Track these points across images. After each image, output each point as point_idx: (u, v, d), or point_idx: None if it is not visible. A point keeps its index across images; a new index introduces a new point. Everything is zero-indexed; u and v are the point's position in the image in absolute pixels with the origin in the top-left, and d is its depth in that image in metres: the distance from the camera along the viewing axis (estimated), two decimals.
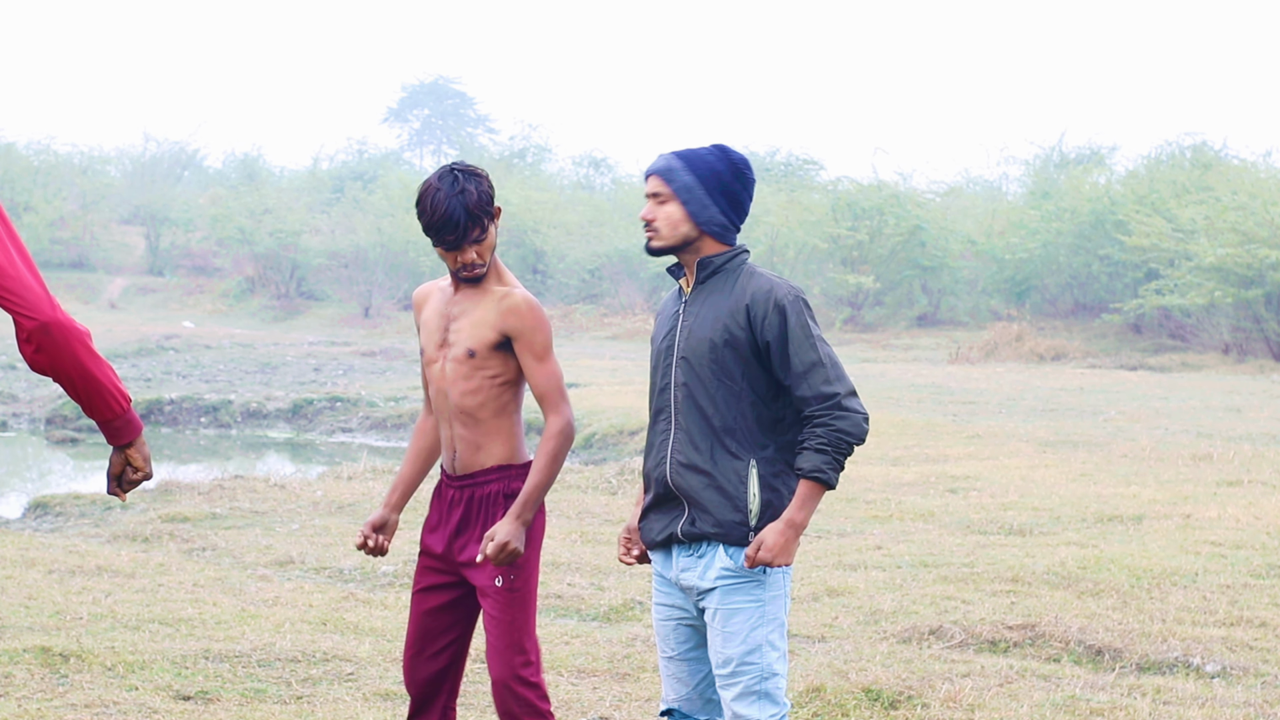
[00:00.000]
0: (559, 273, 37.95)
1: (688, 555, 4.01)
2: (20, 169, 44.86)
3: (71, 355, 3.52)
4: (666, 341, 4.09)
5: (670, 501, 4.03)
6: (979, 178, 45.94)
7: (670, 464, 4.02)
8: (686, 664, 4.09)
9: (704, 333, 3.99)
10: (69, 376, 3.54)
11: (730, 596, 3.94)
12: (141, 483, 3.75)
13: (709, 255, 4.04)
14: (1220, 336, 26.97)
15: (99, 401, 3.59)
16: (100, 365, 3.58)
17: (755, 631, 3.93)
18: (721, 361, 3.96)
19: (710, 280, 4.04)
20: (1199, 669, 6.49)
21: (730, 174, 4.03)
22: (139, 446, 3.71)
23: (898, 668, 6.34)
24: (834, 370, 3.92)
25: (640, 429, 16.26)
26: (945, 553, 8.95)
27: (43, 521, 11.12)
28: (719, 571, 3.94)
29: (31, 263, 3.52)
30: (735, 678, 3.92)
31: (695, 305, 4.04)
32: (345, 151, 54.86)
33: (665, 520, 4.05)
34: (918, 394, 18.59)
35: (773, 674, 3.93)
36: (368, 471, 12.72)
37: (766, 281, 3.98)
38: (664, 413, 4.08)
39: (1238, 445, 13.67)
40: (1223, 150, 35.62)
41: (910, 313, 33.31)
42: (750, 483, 3.93)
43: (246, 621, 7.04)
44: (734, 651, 3.92)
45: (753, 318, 3.94)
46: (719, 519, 3.94)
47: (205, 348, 26.97)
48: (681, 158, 4.05)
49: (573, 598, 7.90)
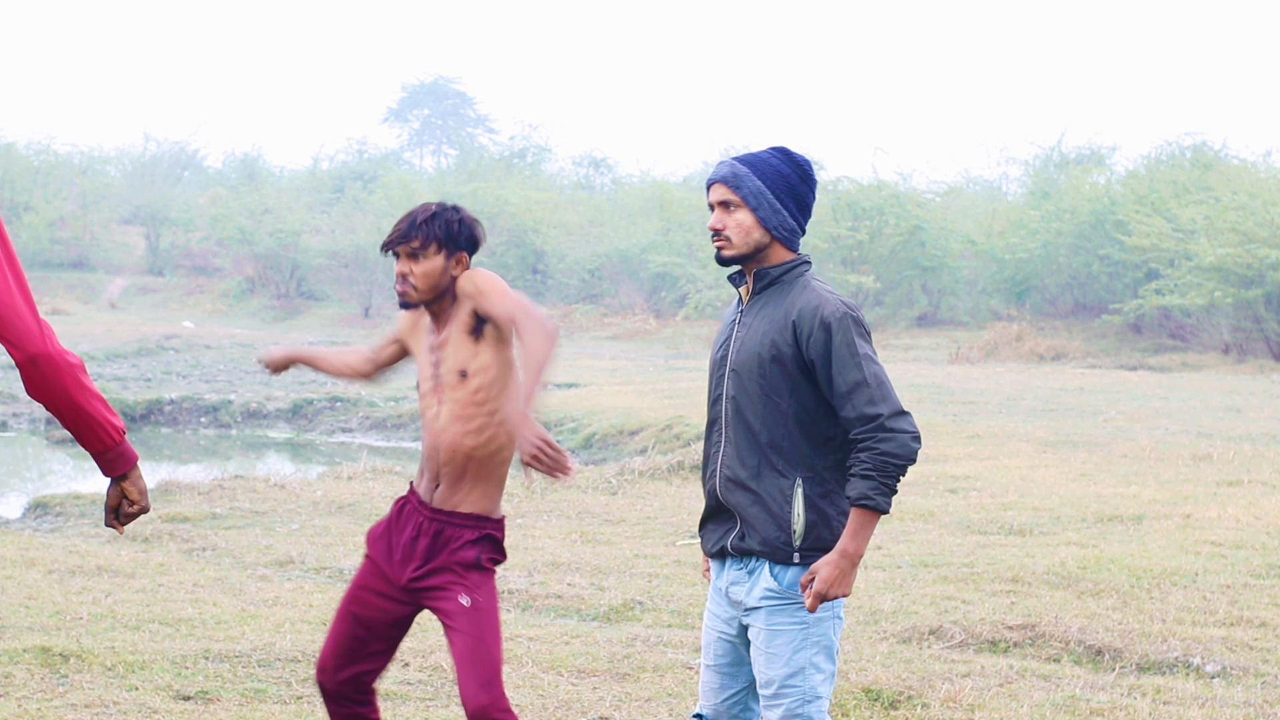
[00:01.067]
0: (559, 273, 37.95)
1: (738, 569, 3.95)
2: (20, 169, 44.89)
3: (61, 389, 3.48)
4: (721, 352, 4.01)
5: (723, 514, 3.98)
6: (979, 178, 46.01)
7: (720, 478, 3.95)
8: (720, 677, 4.05)
9: (753, 347, 3.90)
10: (58, 409, 3.50)
11: (774, 618, 3.88)
12: (138, 515, 3.70)
13: (767, 266, 3.95)
14: (1220, 336, 26.97)
15: (89, 435, 3.56)
16: (90, 399, 3.52)
17: (799, 654, 3.86)
18: (769, 377, 3.87)
19: (767, 291, 3.96)
20: (1199, 669, 6.49)
21: (797, 176, 3.96)
22: (134, 479, 3.66)
23: (898, 668, 6.34)
24: (879, 390, 3.79)
25: (640, 429, 16.28)
26: (945, 553, 8.95)
27: (43, 521, 11.12)
28: (763, 591, 3.88)
29: (27, 290, 3.45)
30: (778, 699, 3.87)
31: (750, 316, 3.97)
32: (345, 151, 54.93)
33: (719, 532, 3.99)
34: (918, 394, 18.58)
35: (816, 697, 3.86)
36: (368, 471, 12.72)
37: (816, 296, 3.88)
38: (716, 424, 4.00)
39: (1238, 445, 13.67)
40: (1223, 150, 35.65)
41: (910, 313, 33.31)
42: (795, 502, 3.85)
43: (246, 621, 7.04)
44: (776, 673, 3.87)
45: (799, 334, 3.85)
46: (764, 536, 3.87)
47: (205, 348, 26.98)
48: (746, 163, 3.96)
49: (573, 598, 7.90)
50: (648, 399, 18.39)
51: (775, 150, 4.00)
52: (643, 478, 12.31)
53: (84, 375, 3.55)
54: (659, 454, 13.68)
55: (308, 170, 52.33)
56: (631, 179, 47.69)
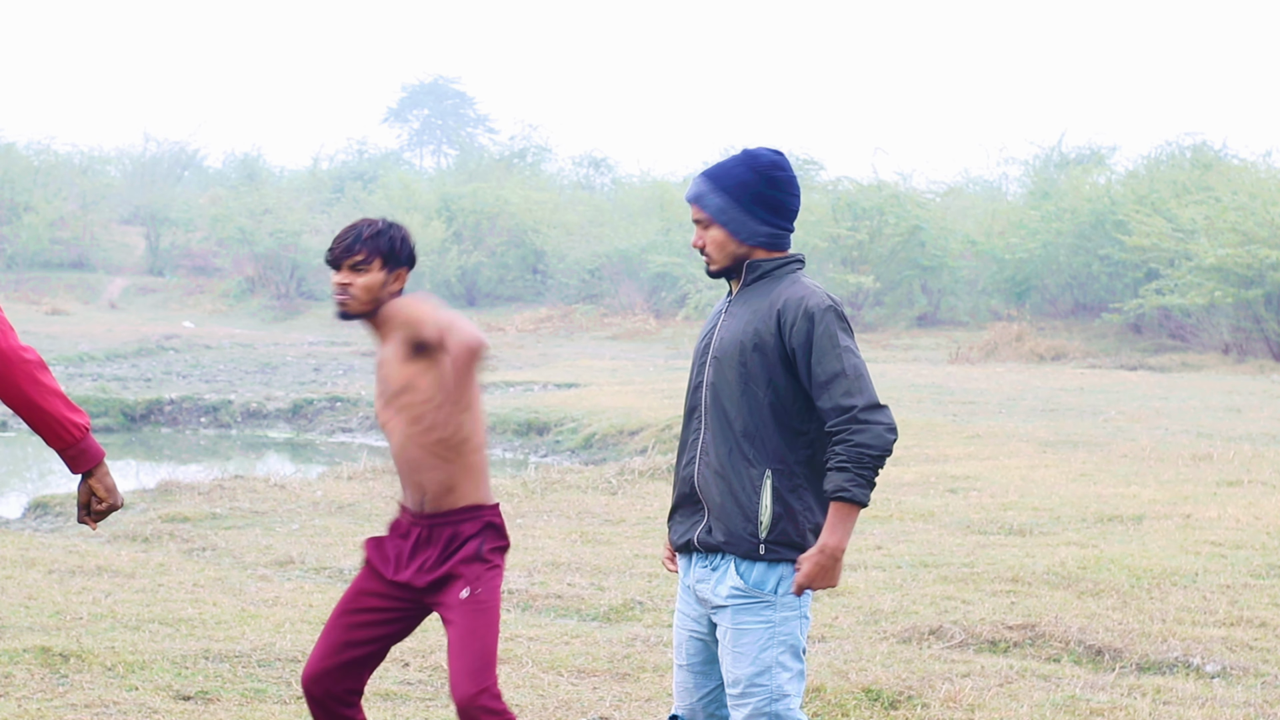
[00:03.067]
0: (559, 273, 37.95)
1: (703, 565, 3.96)
2: (20, 169, 44.86)
3: (13, 384, 3.47)
4: (705, 340, 4.06)
5: (693, 504, 3.98)
6: (979, 178, 45.97)
7: (698, 465, 3.96)
8: (694, 676, 4.05)
9: (736, 334, 3.94)
10: (15, 405, 3.50)
11: (740, 616, 3.88)
12: (110, 512, 3.68)
13: (759, 259, 3.98)
14: (1220, 336, 26.97)
15: (48, 432, 3.55)
16: (47, 396, 3.51)
17: (765, 652, 3.86)
18: (748, 365, 3.89)
19: (756, 284, 3.98)
20: (1199, 669, 6.49)
21: (760, 182, 3.94)
22: (100, 476, 3.64)
23: (898, 668, 6.34)
24: (857, 383, 3.80)
25: (640, 429, 16.26)
26: (945, 553, 8.95)
27: (43, 521, 11.13)
28: (729, 590, 3.89)
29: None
30: (745, 698, 3.88)
31: (736, 306, 4.00)
32: (345, 151, 54.95)
33: (686, 525, 4.00)
34: (918, 394, 18.58)
35: (783, 695, 3.87)
36: (368, 471, 12.72)
37: (803, 289, 3.90)
38: (695, 411, 4.02)
39: (1238, 445, 13.66)
40: (1223, 150, 35.63)
41: (910, 313, 33.31)
42: (764, 493, 3.85)
43: (246, 621, 7.04)
44: (743, 672, 3.87)
45: (782, 323, 3.87)
46: (730, 528, 3.87)
47: (205, 348, 26.99)
48: (709, 178, 3.97)
49: (573, 598, 7.90)
50: (648, 399, 18.38)
51: (741, 156, 3.99)
52: (643, 478, 12.31)
53: (41, 372, 3.53)
54: (659, 454, 13.68)
55: (308, 170, 52.31)
56: (631, 179, 47.68)
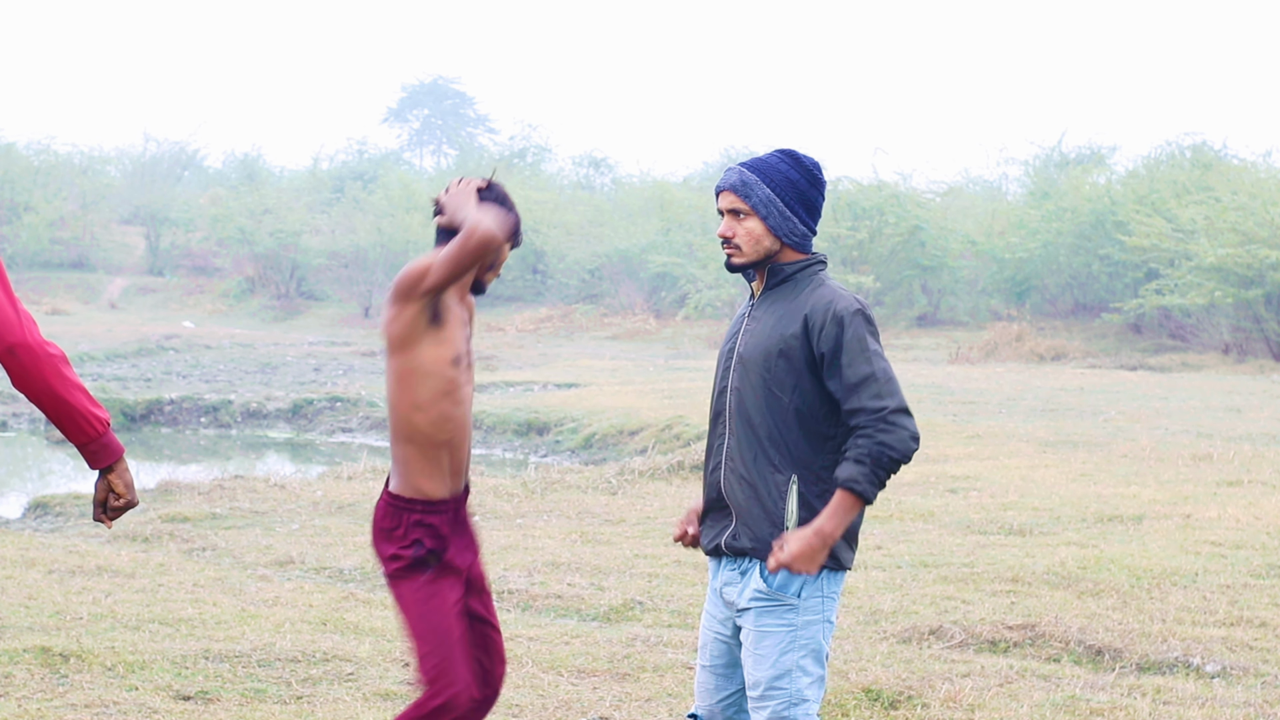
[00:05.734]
0: (559, 273, 37.93)
1: (731, 569, 3.96)
2: (20, 169, 44.88)
3: (40, 379, 3.49)
4: (730, 344, 4.02)
5: (721, 510, 3.97)
6: (979, 178, 45.99)
7: (724, 471, 3.95)
8: (715, 678, 4.05)
9: (762, 340, 3.91)
10: (39, 399, 3.52)
11: (763, 619, 3.88)
12: (126, 510, 3.68)
13: (781, 263, 3.96)
14: (1220, 336, 26.96)
15: (70, 426, 3.56)
16: (71, 390, 3.53)
17: (785, 656, 3.85)
18: (774, 370, 3.87)
19: (779, 287, 3.96)
20: (1199, 669, 6.49)
21: (806, 181, 3.96)
22: (120, 472, 3.65)
23: (898, 668, 6.34)
24: (887, 386, 3.80)
25: (640, 429, 16.26)
26: (945, 553, 8.95)
27: (43, 521, 11.12)
28: (753, 593, 3.88)
29: (6, 281, 3.46)
30: (764, 701, 3.87)
31: (760, 310, 3.97)
32: (345, 151, 54.93)
33: (715, 529, 3.99)
34: (918, 394, 18.58)
35: (802, 699, 3.86)
36: (368, 471, 12.72)
37: (830, 292, 3.88)
38: (721, 416, 4.00)
39: (1238, 445, 13.66)
40: (1223, 150, 35.63)
41: (910, 313, 33.30)
42: (790, 499, 3.85)
43: (246, 621, 7.03)
44: (763, 675, 3.87)
45: (810, 327, 3.85)
46: (756, 534, 3.87)
47: (205, 348, 26.98)
48: (755, 170, 3.95)
49: (573, 598, 7.90)
50: (648, 399, 18.38)
51: (783, 154, 3.98)
52: (643, 478, 12.31)
53: (65, 366, 3.55)
54: (659, 454, 13.68)
55: (308, 170, 52.31)
56: (631, 179, 47.69)
